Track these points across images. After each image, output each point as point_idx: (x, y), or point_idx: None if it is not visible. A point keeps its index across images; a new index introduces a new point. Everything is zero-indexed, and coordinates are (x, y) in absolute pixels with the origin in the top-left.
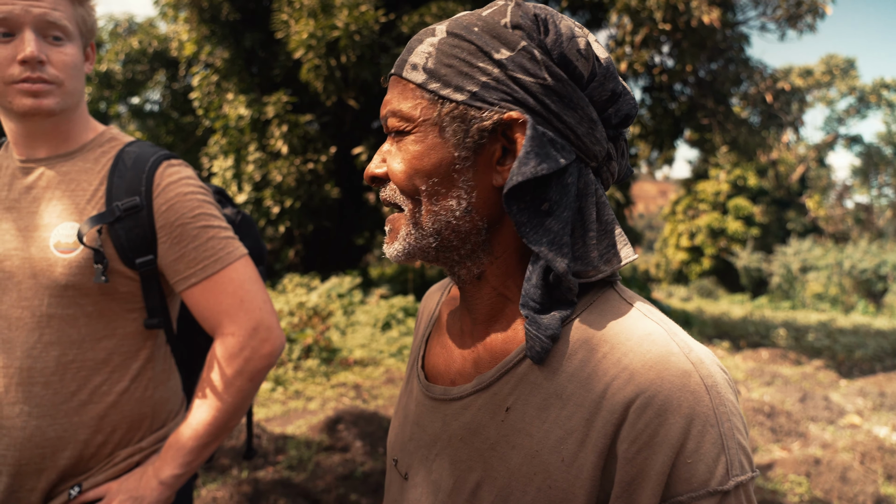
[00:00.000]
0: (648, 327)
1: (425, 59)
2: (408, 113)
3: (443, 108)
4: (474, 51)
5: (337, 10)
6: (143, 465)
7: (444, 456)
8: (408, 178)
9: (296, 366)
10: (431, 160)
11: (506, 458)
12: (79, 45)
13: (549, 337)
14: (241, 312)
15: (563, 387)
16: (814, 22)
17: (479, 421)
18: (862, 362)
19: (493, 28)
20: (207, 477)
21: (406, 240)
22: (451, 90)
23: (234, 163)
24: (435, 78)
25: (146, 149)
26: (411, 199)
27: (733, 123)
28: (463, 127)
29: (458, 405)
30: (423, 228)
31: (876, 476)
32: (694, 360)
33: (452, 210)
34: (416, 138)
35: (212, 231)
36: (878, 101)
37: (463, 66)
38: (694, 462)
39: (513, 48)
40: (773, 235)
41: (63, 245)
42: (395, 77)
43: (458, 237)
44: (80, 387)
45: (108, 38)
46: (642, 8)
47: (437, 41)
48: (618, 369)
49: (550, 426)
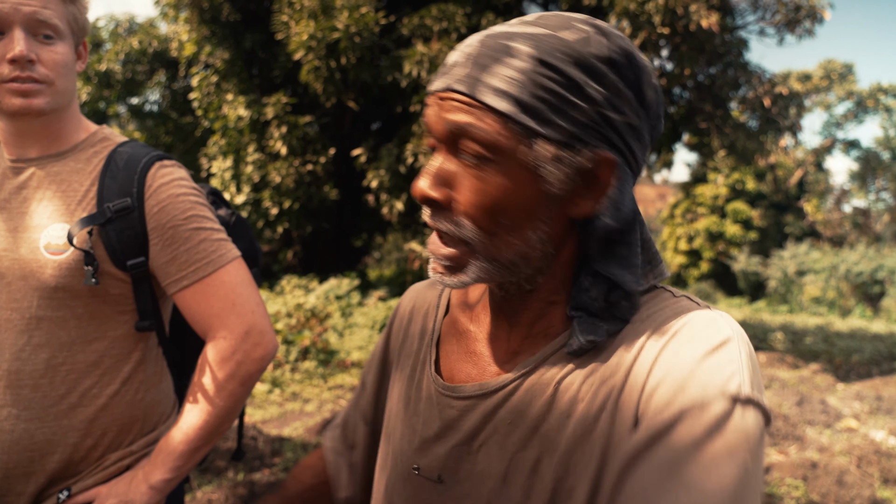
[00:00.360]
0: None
1: (511, 86)
2: (494, 141)
3: (535, 143)
4: (567, 84)
5: (337, 11)
6: (133, 469)
7: (491, 444)
8: (488, 210)
9: (293, 367)
10: (519, 196)
11: (562, 428)
12: (70, 43)
13: (590, 341)
14: (232, 316)
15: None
16: (812, 27)
17: (528, 401)
18: (859, 366)
19: (583, 59)
20: (203, 479)
21: (478, 273)
22: (544, 126)
23: (233, 164)
24: (527, 111)
25: (139, 149)
26: (487, 232)
27: (731, 127)
28: (558, 166)
29: (501, 394)
30: (499, 261)
31: (872, 480)
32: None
33: (530, 241)
34: (501, 170)
35: (204, 233)
36: (876, 105)
37: (556, 99)
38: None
39: (602, 84)
40: (772, 239)
41: (53, 246)
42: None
43: (527, 263)
44: (70, 390)
45: (109, 37)
46: (641, 12)
47: (524, 67)
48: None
49: (598, 388)
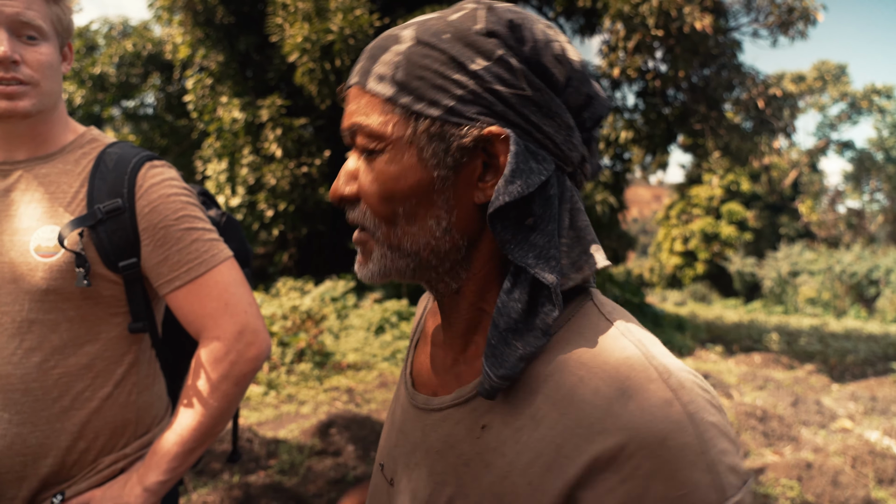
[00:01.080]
0: (626, 350)
1: (393, 70)
2: (378, 130)
3: (418, 124)
4: (447, 61)
5: (331, 13)
6: (127, 472)
7: (423, 466)
8: (384, 200)
9: (289, 370)
10: (409, 182)
11: (478, 477)
12: (55, 44)
13: (501, 377)
14: (226, 316)
15: (538, 408)
16: (805, 28)
17: (456, 435)
18: (853, 367)
19: (465, 35)
20: (198, 481)
21: (381, 261)
22: (424, 105)
23: (228, 166)
24: (406, 91)
25: (128, 150)
26: (385, 220)
27: (726, 129)
28: (442, 145)
29: (438, 416)
30: (400, 250)
31: (867, 480)
32: (674, 385)
33: (432, 230)
34: (389, 158)
35: (196, 233)
36: (870, 106)
37: (436, 77)
38: (688, 493)
39: (489, 58)
40: (766, 240)
41: (44, 249)
42: (357, 88)
43: (437, 257)
44: (62, 393)
45: (103, 40)
46: (635, 14)
47: (406, 49)
48: (595, 397)
49: (522, 448)
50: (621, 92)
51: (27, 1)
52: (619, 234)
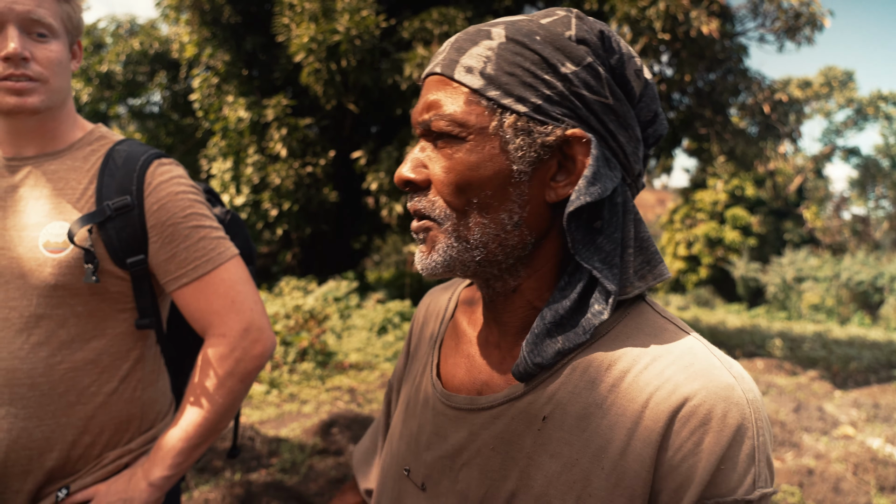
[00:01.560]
0: (689, 341)
1: (483, 64)
2: (462, 118)
3: (503, 117)
4: (538, 61)
5: (338, 14)
6: (131, 467)
7: (473, 466)
8: (459, 188)
9: (291, 369)
10: (488, 171)
11: (543, 467)
12: (64, 42)
13: (536, 364)
14: (232, 313)
15: (604, 397)
16: (812, 34)
17: (514, 430)
18: (857, 373)
19: (557, 39)
20: (200, 479)
21: (448, 252)
22: (513, 100)
23: (232, 165)
24: (495, 85)
25: (136, 147)
26: (457, 210)
27: (731, 133)
28: (527, 140)
29: (488, 415)
30: (469, 241)
31: (868, 487)
32: (736, 374)
33: (503, 223)
34: (471, 147)
35: (203, 231)
36: (876, 113)
37: (526, 76)
38: (728, 469)
39: (578, 63)
40: (771, 246)
41: (52, 245)
42: (439, 78)
43: (504, 251)
44: (69, 388)
45: (110, 38)
46: (642, 17)
47: (497, 45)
48: (661, 380)
49: (591, 435)
50: None
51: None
52: None
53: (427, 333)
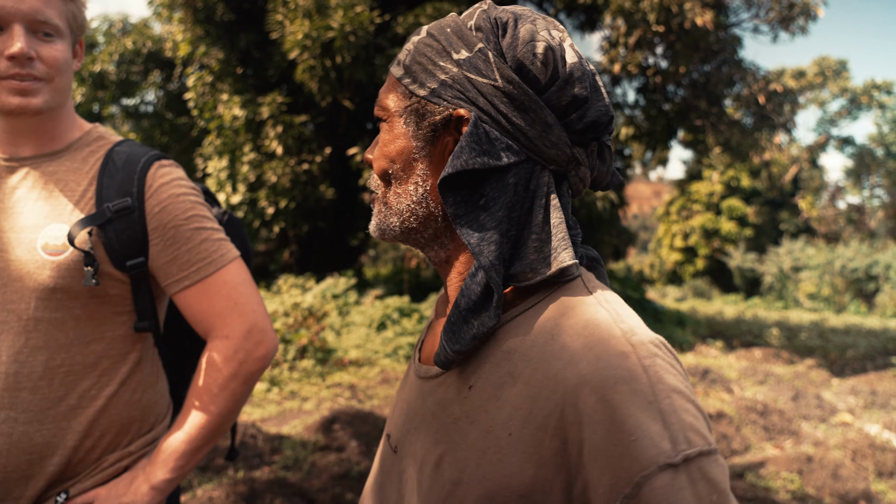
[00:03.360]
0: (597, 313)
1: (406, 55)
2: (385, 104)
3: (410, 101)
4: (440, 50)
5: (332, 10)
6: (132, 470)
7: (422, 430)
8: (379, 160)
9: (291, 366)
10: (396, 148)
11: (465, 433)
12: (69, 42)
13: (455, 352)
14: (234, 315)
15: (516, 366)
16: (806, 24)
17: (447, 397)
18: (853, 361)
19: (459, 29)
20: (203, 477)
21: (377, 216)
22: (416, 86)
23: (228, 163)
24: (408, 73)
25: (136, 148)
26: (383, 180)
27: (726, 125)
28: (418, 120)
29: (434, 382)
30: (390, 207)
31: (867, 473)
32: (634, 342)
33: (411, 194)
34: (387, 127)
35: (205, 233)
36: (870, 102)
37: (429, 63)
38: (638, 439)
39: (471, 49)
40: (767, 236)
41: (51, 247)
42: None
43: (418, 221)
44: (69, 391)
45: (103, 38)
46: (636, 10)
47: (417, 39)
48: (562, 351)
49: (502, 403)
50: (622, 88)
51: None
52: (620, 230)
53: None
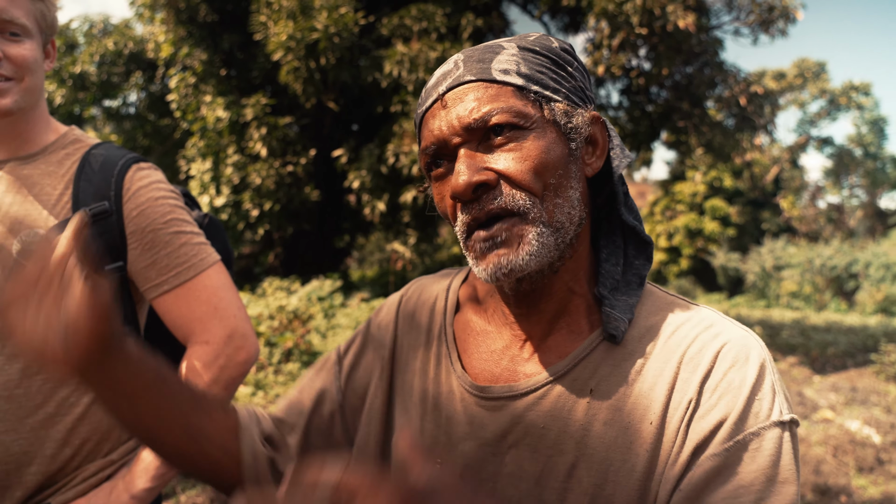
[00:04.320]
0: (702, 311)
1: (516, 66)
2: (522, 109)
3: (552, 106)
4: (553, 63)
5: (316, 11)
6: (112, 480)
7: (522, 447)
8: (536, 173)
9: (276, 370)
10: (556, 153)
11: (601, 435)
12: (38, 41)
13: (629, 319)
14: (215, 320)
15: (642, 364)
16: (785, 27)
17: (563, 406)
18: (834, 358)
19: (552, 49)
20: (186, 483)
21: (540, 239)
22: (551, 92)
23: (212, 165)
24: (534, 81)
25: (114, 151)
26: (538, 196)
27: (708, 126)
28: (573, 122)
29: (532, 398)
30: (553, 224)
31: (848, 469)
32: (746, 329)
33: (572, 200)
34: (537, 134)
35: (184, 237)
36: (848, 103)
37: (551, 73)
38: (761, 399)
39: (572, 65)
40: (749, 235)
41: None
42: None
43: (574, 228)
44: (46, 399)
45: (83, 39)
46: (619, 12)
47: (517, 52)
48: (689, 340)
49: (636, 398)
50: (605, 90)
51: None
52: None
53: (420, 322)
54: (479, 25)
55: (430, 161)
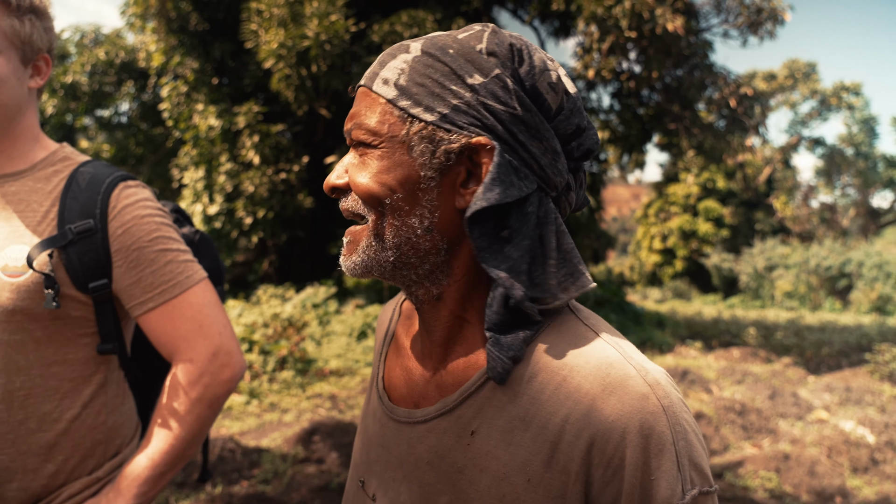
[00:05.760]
0: (606, 351)
1: (398, 76)
2: (375, 127)
3: (412, 126)
4: (448, 73)
5: (307, 19)
6: (96, 497)
7: (413, 479)
8: (371, 191)
9: (271, 378)
10: (397, 176)
11: (474, 482)
12: (11, 57)
13: (511, 358)
14: (200, 338)
15: (526, 410)
16: (774, 28)
17: (445, 444)
18: (829, 358)
19: (468, 52)
20: (180, 493)
21: (366, 252)
22: (421, 109)
23: (205, 174)
24: (406, 95)
25: (101, 169)
26: (374, 210)
27: (699, 128)
28: (430, 147)
29: (423, 428)
30: (384, 241)
31: (842, 469)
32: (650, 381)
33: (414, 228)
34: (382, 153)
35: (170, 255)
36: (839, 103)
37: (435, 86)
38: (657, 479)
39: (486, 75)
40: (743, 236)
41: (11, 269)
42: (363, 89)
43: (417, 255)
44: (28, 415)
45: (75, 49)
46: (608, 16)
47: (412, 59)
48: (579, 394)
49: (516, 448)
50: (596, 93)
51: None
52: (599, 233)
53: (377, 346)
54: None
55: None
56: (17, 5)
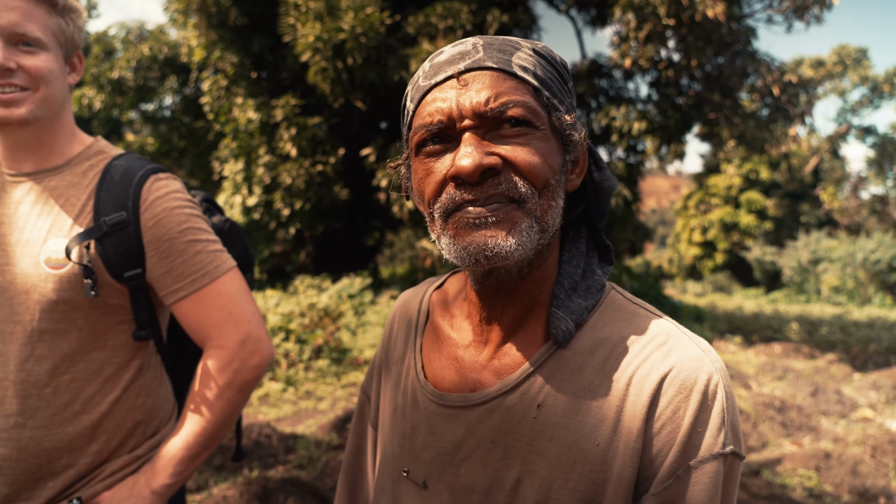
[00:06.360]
0: (660, 322)
1: (534, 67)
2: (536, 108)
3: (558, 115)
4: (560, 75)
5: (343, 12)
6: (135, 475)
7: (475, 459)
8: (539, 170)
9: (306, 366)
10: (556, 160)
11: (544, 452)
12: (56, 54)
13: (574, 321)
14: (229, 325)
15: (591, 380)
16: (821, 13)
17: (511, 420)
18: (876, 355)
19: (557, 61)
20: (218, 476)
21: (528, 233)
22: (557, 101)
23: (244, 166)
24: (546, 87)
25: (134, 162)
26: (538, 192)
27: (740, 117)
28: (575, 133)
29: (484, 409)
30: (542, 222)
31: (887, 469)
32: (704, 347)
33: (559, 208)
34: (542, 136)
35: (200, 245)
36: (892, 90)
37: (558, 84)
38: (703, 431)
39: (570, 84)
40: (788, 229)
41: (53, 261)
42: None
43: (551, 234)
44: (73, 398)
45: (120, 45)
46: (646, 4)
47: (532, 54)
48: (641, 359)
49: (583, 416)
50: (634, 83)
51: (25, 12)
52: (636, 225)
53: (399, 336)
54: (504, 21)
55: (428, 137)
56: (63, 6)
